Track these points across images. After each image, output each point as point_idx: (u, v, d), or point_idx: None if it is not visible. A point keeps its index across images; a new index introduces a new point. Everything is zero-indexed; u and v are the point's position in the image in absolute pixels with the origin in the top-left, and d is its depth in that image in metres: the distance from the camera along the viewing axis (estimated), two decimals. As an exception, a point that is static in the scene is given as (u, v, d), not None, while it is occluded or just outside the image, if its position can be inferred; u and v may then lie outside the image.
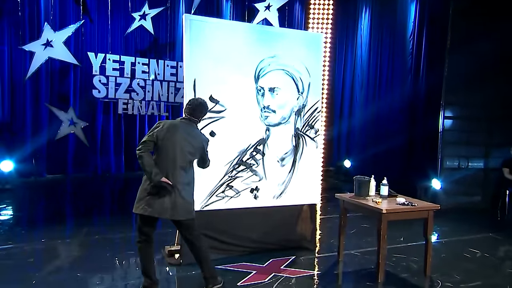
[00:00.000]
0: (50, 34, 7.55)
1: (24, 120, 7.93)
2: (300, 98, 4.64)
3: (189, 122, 3.48)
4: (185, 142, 3.36)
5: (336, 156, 10.68)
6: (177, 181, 3.31)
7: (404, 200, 4.28)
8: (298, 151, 4.66)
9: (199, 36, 4.13)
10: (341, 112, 10.64)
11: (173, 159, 3.31)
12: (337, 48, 10.38)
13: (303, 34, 4.71)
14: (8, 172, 7.56)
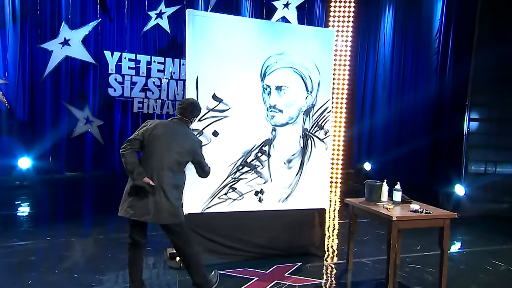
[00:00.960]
0: (68, 32, 7.63)
1: (43, 118, 8.04)
2: (309, 97, 4.43)
3: (180, 122, 3.32)
4: (173, 142, 3.18)
5: (356, 158, 10.34)
6: (163, 182, 3.12)
7: (419, 207, 3.99)
8: (306, 152, 4.44)
9: (202, 32, 3.99)
10: (362, 112, 10.30)
11: (160, 159, 3.14)
12: (359, 46, 10.06)
13: (313, 30, 4.48)
14: (26, 169, 7.67)
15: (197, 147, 3.31)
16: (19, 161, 7.60)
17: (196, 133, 3.99)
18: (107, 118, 8.44)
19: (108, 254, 4.37)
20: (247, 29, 4.18)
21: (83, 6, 8.12)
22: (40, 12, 7.84)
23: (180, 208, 3.24)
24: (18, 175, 7.57)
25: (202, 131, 4.01)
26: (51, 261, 4.13)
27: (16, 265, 3.97)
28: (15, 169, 7.61)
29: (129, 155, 3.11)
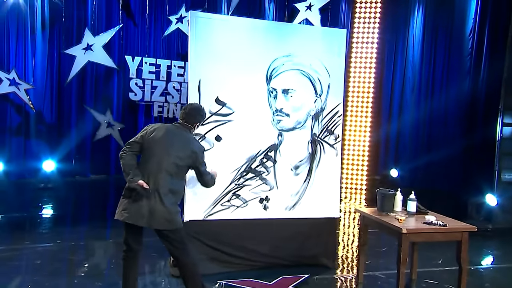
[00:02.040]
0: (90, 38, 7.78)
1: (69, 122, 8.23)
2: (318, 100, 4.23)
3: (182, 127, 3.23)
4: (174, 146, 3.09)
5: (382, 164, 9.95)
6: (159, 185, 3.02)
7: (434, 218, 3.71)
8: (315, 159, 4.24)
9: (205, 34, 3.90)
10: (389, 116, 9.89)
11: (158, 163, 3.05)
12: (386, 48, 9.70)
13: (322, 31, 4.30)
14: (51, 172, 7.86)
15: (198, 153, 3.18)
16: (44, 164, 7.80)
17: (198, 137, 3.88)
18: (130, 121, 8.54)
19: (113, 260, 4.34)
20: (252, 30, 4.05)
21: (107, 12, 8.26)
22: (67, 19, 8.05)
23: (176, 214, 3.12)
24: (43, 177, 7.77)
25: (204, 136, 3.90)
26: (56, 265, 4.15)
27: (20, 268, 4.00)
28: (40, 172, 7.81)
29: (128, 157, 3.07)
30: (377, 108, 9.58)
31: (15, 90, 7.46)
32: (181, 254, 3.16)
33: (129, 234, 3.15)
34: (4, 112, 7.80)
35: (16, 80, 7.43)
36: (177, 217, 3.12)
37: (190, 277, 3.22)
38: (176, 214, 3.11)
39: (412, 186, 9.58)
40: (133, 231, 3.13)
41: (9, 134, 7.85)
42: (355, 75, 9.28)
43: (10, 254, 4.35)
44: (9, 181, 7.54)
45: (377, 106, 9.58)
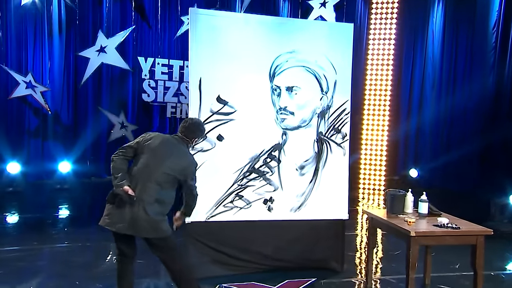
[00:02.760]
0: (104, 40, 7.83)
1: (84, 123, 8.31)
2: (324, 98, 4.08)
3: (180, 140, 3.15)
4: (168, 157, 3.01)
5: (402, 164, 9.64)
6: (146, 194, 2.93)
7: (447, 220, 3.50)
8: (321, 158, 4.09)
9: (206, 31, 3.81)
10: (408, 115, 9.57)
11: (149, 171, 2.96)
12: (404, 45, 9.40)
13: (328, 25, 4.18)
14: (66, 173, 7.96)
15: (192, 168, 3.11)
16: (60, 165, 7.90)
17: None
18: (145, 123, 8.56)
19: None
20: (254, 26, 3.94)
21: (120, 14, 8.32)
22: (82, 21, 8.15)
23: (162, 223, 2.98)
24: (59, 178, 7.87)
25: (205, 135, 3.81)
26: (59, 266, 4.14)
27: (23, 270, 4.01)
28: (56, 173, 7.92)
29: (118, 161, 3.00)
30: (396, 106, 9.30)
31: (31, 93, 7.58)
32: (170, 261, 3.07)
33: (118, 240, 3.06)
34: (23, 114, 7.94)
35: (32, 83, 7.56)
36: (163, 225, 2.99)
37: (183, 282, 3.12)
38: (161, 223, 2.98)
39: (432, 186, 9.29)
40: (121, 237, 3.01)
41: (27, 136, 7.99)
42: (372, 72, 9.05)
43: (19, 255, 4.39)
44: (27, 182, 7.66)
45: (396, 104, 9.29)
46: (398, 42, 9.09)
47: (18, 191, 7.39)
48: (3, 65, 7.48)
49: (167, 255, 3.05)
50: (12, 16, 7.68)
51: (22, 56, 7.85)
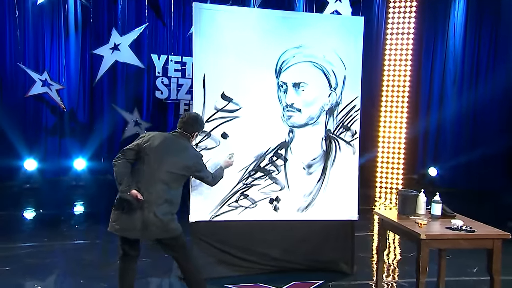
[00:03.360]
0: (117, 38, 7.86)
1: (100, 121, 8.38)
2: (332, 94, 3.94)
3: (180, 136, 3.11)
4: (170, 154, 2.97)
5: (421, 162, 9.34)
6: (154, 196, 2.88)
7: (462, 223, 3.31)
8: (330, 157, 3.96)
9: (210, 27, 3.73)
10: (428, 111, 9.25)
11: (153, 172, 2.91)
12: (424, 39, 9.10)
13: (337, 19, 4.05)
14: (81, 170, 8.04)
15: (196, 161, 3.09)
16: (75, 162, 8.00)
17: (204, 135, 3.73)
18: (159, 120, 8.57)
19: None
20: (260, 21, 3.83)
21: (134, 12, 8.34)
22: (97, 20, 8.21)
23: (171, 222, 2.96)
24: (75, 175, 7.96)
25: (209, 133, 3.74)
26: (66, 264, 4.15)
27: (30, 267, 4.03)
28: (72, 170, 8.01)
29: (121, 165, 2.94)
30: (414, 102, 9.02)
31: (47, 91, 7.68)
32: (183, 260, 3.05)
33: (124, 244, 3.03)
34: (40, 112, 8.06)
35: (48, 81, 7.65)
36: (173, 224, 2.97)
37: (194, 282, 3.10)
38: (171, 222, 2.96)
39: (453, 186, 8.99)
40: (128, 240, 3.01)
41: (44, 133, 8.11)
42: (389, 68, 8.81)
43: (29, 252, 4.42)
44: (43, 179, 7.78)
45: (414, 100, 9.01)
46: (417, 36, 8.81)
47: (35, 187, 7.50)
48: (20, 64, 7.59)
49: (179, 253, 3.04)
50: (29, 16, 7.79)
51: (39, 54, 7.96)
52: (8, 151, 7.47)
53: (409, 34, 8.68)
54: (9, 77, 7.77)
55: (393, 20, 8.78)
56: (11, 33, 7.70)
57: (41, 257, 4.30)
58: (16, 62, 7.65)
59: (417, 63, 8.97)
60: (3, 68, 7.79)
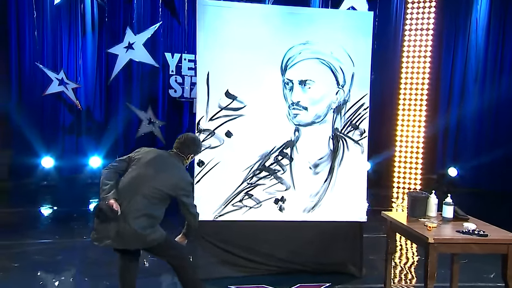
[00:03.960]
0: (132, 37, 7.90)
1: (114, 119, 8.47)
2: (340, 92, 3.83)
3: (174, 155, 3.04)
4: (159, 172, 2.87)
5: (440, 162, 9.06)
6: (133, 208, 2.78)
7: (474, 226, 3.17)
8: (337, 156, 3.84)
9: (214, 23, 3.68)
10: (448, 109, 8.96)
11: (137, 185, 2.83)
12: (444, 35, 8.82)
13: (345, 14, 3.94)
14: (97, 168, 8.14)
15: (186, 183, 2.95)
16: (91, 160, 8.11)
17: (207, 133, 3.69)
18: (174, 119, 8.59)
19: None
20: (265, 17, 3.75)
21: (149, 11, 8.39)
22: (114, 19, 8.30)
23: (151, 235, 2.84)
24: (90, 173, 8.07)
25: (213, 132, 3.69)
26: (73, 262, 4.17)
27: (39, 264, 4.07)
28: (87, 168, 8.13)
29: (108, 174, 2.91)
30: (434, 100, 8.75)
31: (63, 90, 7.80)
32: (174, 260, 3.00)
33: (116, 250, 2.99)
34: (57, 110, 8.20)
35: (64, 80, 7.76)
36: (153, 235, 2.85)
37: (190, 282, 3.04)
38: (149, 235, 2.83)
39: (475, 186, 8.70)
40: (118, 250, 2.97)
41: (61, 131, 8.25)
42: (407, 65, 8.59)
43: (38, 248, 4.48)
44: (60, 177, 7.92)
45: (434, 98, 8.75)
46: (437, 32, 8.55)
47: (51, 185, 7.64)
48: (38, 63, 7.73)
49: (166, 255, 2.99)
50: (48, 16, 7.93)
51: (56, 54, 8.09)
52: (26, 149, 7.64)
53: (428, 30, 8.43)
54: (28, 76, 7.94)
55: (411, 16, 8.56)
56: (30, 33, 7.86)
57: (51, 254, 4.34)
58: (34, 62, 7.79)
59: (437, 60, 8.71)
60: (23, 67, 7.97)
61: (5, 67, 7.77)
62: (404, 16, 8.64)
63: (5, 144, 7.59)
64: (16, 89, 7.92)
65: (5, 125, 7.59)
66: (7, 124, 7.64)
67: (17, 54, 7.89)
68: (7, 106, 7.71)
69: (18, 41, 7.86)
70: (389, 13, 8.92)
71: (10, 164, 7.62)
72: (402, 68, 8.63)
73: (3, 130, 7.50)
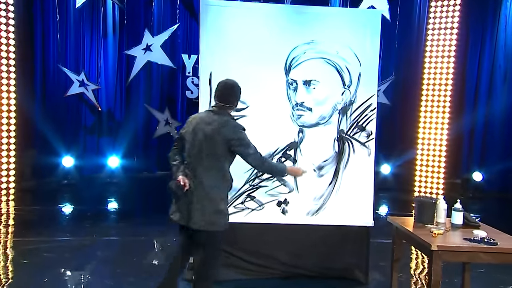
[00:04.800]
0: (149, 38, 8.00)
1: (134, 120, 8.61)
2: (346, 92, 3.72)
3: (216, 110, 2.91)
4: (206, 133, 2.80)
5: (465, 166, 8.72)
6: (197, 181, 2.79)
7: (485, 234, 3.00)
8: (343, 158, 3.74)
9: (217, 23, 3.65)
10: (474, 110, 8.60)
11: (194, 156, 2.82)
12: (470, 33, 8.48)
13: (352, 13, 3.82)
14: (115, 168, 8.29)
15: (234, 132, 2.83)
16: (109, 160, 8.26)
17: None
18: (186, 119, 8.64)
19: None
20: (269, 17, 3.70)
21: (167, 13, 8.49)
22: (134, 22, 8.44)
23: (218, 215, 2.81)
24: (108, 172, 8.23)
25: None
26: (80, 260, 4.23)
27: (47, 261, 4.15)
28: (106, 167, 8.29)
29: (171, 156, 2.98)
30: (458, 101, 8.41)
31: (84, 91, 7.99)
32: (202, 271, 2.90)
33: (180, 234, 2.97)
34: (78, 111, 8.40)
35: (85, 81, 7.95)
36: (221, 218, 2.83)
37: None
38: (218, 215, 2.81)
39: (502, 191, 8.31)
40: (183, 233, 2.95)
41: (83, 131, 8.46)
42: (430, 65, 8.30)
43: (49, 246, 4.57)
44: (80, 176, 8.11)
45: (458, 99, 8.41)
46: (463, 30, 8.22)
47: (71, 184, 7.84)
48: (60, 65, 7.95)
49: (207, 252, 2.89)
50: (71, 19, 8.16)
51: (78, 56, 8.31)
52: (48, 149, 7.85)
53: (453, 29, 8.11)
54: (52, 78, 8.18)
55: (435, 14, 8.26)
56: (54, 36, 8.09)
57: (60, 251, 4.42)
58: (57, 64, 8.02)
59: (462, 59, 8.38)
60: (47, 69, 8.22)
61: (30, 68, 8.04)
62: (427, 15, 8.37)
63: (29, 144, 7.83)
64: (40, 90, 8.18)
65: (30, 125, 7.84)
66: (32, 125, 7.90)
67: (41, 56, 8.15)
68: (32, 107, 7.97)
69: (43, 43, 8.11)
70: (411, 12, 8.67)
71: (33, 164, 7.86)
72: (424, 69, 8.36)
73: (27, 131, 7.74)
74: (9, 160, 7.18)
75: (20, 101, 7.36)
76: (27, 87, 7.84)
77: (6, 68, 7.09)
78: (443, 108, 8.19)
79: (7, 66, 7.11)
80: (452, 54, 8.12)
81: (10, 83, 7.17)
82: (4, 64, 7.06)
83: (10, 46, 7.15)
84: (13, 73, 7.20)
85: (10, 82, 7.16)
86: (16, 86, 7.26)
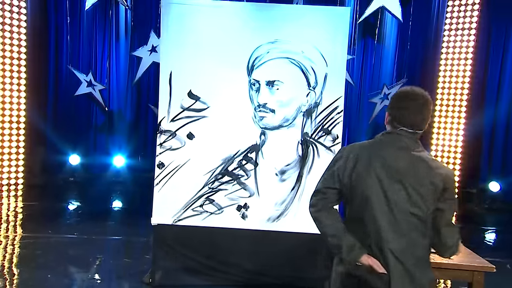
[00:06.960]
0: (155, 40, 8.07)
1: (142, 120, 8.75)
2: (311, 94, 3.54)
3: (400, 138, 1.86)
4: (397, 179, 1.81)
5: (485, 174, 8.17)
6: (397, 256, 1.79)
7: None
8: (306, 163, 3.56)
9: (179, 22, 3.57)
10: (495, 115, 8.06)
11: (381, 216, 1.80)
12: (493, 32, 7.97)
13: (318, 10, 3.61)
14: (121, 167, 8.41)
15: (447, 182, 1.82)
16: (114, 159, 8.40)
17: (168, 135, 3.59)
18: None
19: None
20: (233, 15, 3.58)
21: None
22: (144, 23, 8.57)
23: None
24: (114, 172, 8.37)
25: (175, 133, 3.59)
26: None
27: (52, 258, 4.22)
28: (111, 167, 8.44)
29: (324, 217, 1.90)
30: (476, 106, 7.91)
31: (91, 91, 8.18)
32: None
33: None
34: (88, 111, 8.63)
35: (92, 82, 8.14)
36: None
37: None
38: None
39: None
40: None
41: (93, 131, 8.67)
42: (446, 68, 7.87)
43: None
44: (87, 174, 8.30)
45: (476, 104, 7.91)
46: (483, 31, 7.74)
47: (78, 181, 8.04)
48: (69, 66, 8.19)
49: None
50: (84, 21, 8.40)
51: (89, 57, 8.54)
52: (58, 147, 8.10)
53: (471, 30, 7.67)
54: (64, 78, 8.45)
55: (452, 14, 7.84)
56: (67, 38, 8.35)
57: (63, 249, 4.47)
58: (67, 65, 8.27)
59: (480, 62, 7.86)
60: (60, 70, 8.50)
61: (43, 69, 8.34)
62: (444, 16, 7.95)
63: (39, 142, 8.11)
64: (53, 90, 8.47)
65: (41, 124, 8.12)
66: (43, 124, 8.17)
67: (55, 57, 8.44)
68: (43, 107, 8.25)
69: (56, 44, 8.40)
70: (426, 13, 8.26)
71: (43, 161, 8.13)
72: (440, 72, 7.95)
73: (38, 130, 8.02)
74: (18, 157, 7.46)
75: (31, 100, 7.64)
76: (40, 87, 8.14)
77: (17, 68, 7.38)
78: (459, 113, 7.75)
79: (18, 66, 7.39)
80: (469, 57, 7.67)
81: (20, 82, 7.45)
82: (15, 65, 7.35)
83: (22, 47, 7.43)
84: (24, 73, 7.47)
85: (20, 82, 7.45)
86: (27, 86, 7.54)
